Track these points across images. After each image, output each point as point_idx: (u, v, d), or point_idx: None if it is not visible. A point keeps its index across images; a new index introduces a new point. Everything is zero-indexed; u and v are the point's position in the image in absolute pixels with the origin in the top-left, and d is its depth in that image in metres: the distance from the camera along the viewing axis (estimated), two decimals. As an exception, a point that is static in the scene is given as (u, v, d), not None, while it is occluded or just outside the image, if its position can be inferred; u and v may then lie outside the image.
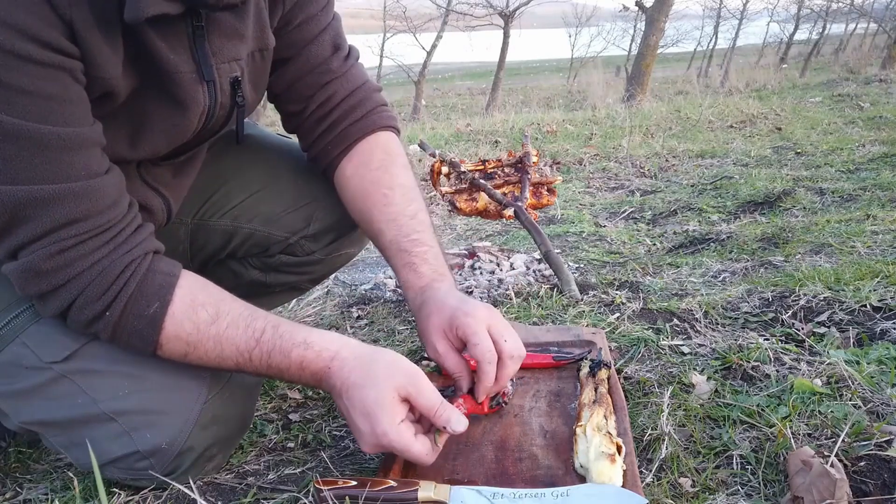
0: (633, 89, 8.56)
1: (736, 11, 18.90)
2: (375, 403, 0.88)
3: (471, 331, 0.97)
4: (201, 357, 0.92)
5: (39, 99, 0.78)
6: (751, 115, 5.17)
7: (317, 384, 0.95)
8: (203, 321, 0.91)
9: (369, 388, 0.89)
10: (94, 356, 0.93)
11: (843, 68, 11.58)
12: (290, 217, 1.25)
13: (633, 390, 1.18)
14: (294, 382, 1.03)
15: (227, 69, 0.98)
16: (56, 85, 0.79)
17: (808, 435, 0.99)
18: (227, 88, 1.00)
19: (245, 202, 1.23)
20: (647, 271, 1.92)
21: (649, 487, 0.91)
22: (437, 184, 1.87)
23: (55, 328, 0.93)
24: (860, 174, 3.03)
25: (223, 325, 0.91)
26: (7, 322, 0.93)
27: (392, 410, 0.88)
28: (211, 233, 1.24)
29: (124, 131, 0.93)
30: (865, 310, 1.41)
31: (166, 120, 0.95)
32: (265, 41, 1.05)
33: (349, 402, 0.90)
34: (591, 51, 20.07)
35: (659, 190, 3.15)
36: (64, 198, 0.82)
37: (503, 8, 12.09)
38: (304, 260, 1.29)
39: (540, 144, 4.39)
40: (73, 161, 0.82)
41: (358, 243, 1.36)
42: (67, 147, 0.81)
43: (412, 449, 0.88)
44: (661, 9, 8.48)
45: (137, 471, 0.95)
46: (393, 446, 0.88)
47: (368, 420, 0.88)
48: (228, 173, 1.24)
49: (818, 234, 2.09)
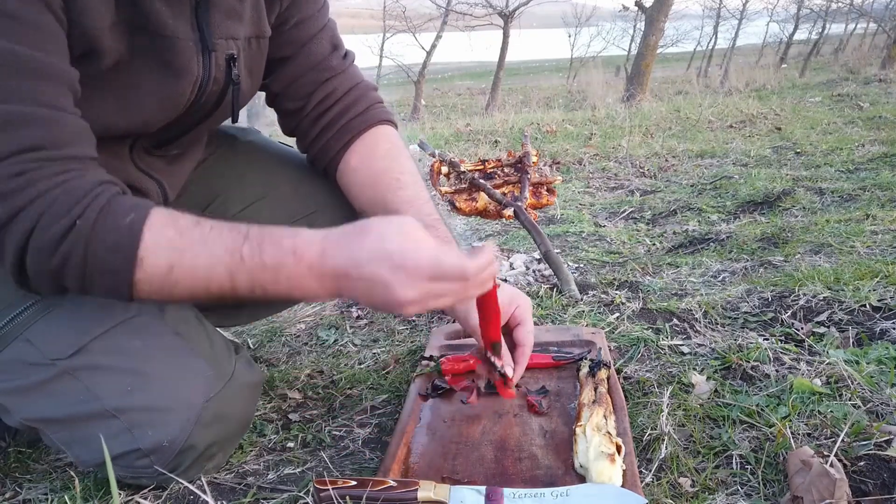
0: (632, 89, 8.56)
1: (736, 11, 18.90)
2: (402, 237, 0.80)
3: (528, 314, 1.02)
4: (190, 266, 0.81)
5: (16, 22, 0.75)
6: (750, 115, 5.17)
7: (319, 280, 0.83)
8: (185, 226, 0.83)
9: (385, 237, 0.80)
10: (97, 353, 0.93)
11: (843, 68, 11.57)
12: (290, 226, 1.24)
13: (633, 390, 1.18)
14: (292, 294, 0.85)
15: (223, 45, 0.99)
16: (31, 10, 0.76)
17: (807, 435, 0.99)
18: (222, 63, 1.00)
19: (244, 211, 1.22)
20: (646, 271, 1.92)
21: (649, 487, 0.91)
22: (437, 184, 1.87)
23: (60, 325, 0.93)
24: (860, 174, 3.03)
25: (207, 228, 0.84)
26: (11, 318, 0.93)
27: (424, 233, 0.80)
28: None
29: (112, 96, 0.91)
30: (865, 310, 1.41)
31: (158, 86, 0.94)
32: (262, 28, 1.06)
33: (368, 265, 0.79)
34: (591, 51, 20.06)
35: (659, 190, 3.15)
36: (30, 121, 0.77)
37: (503, 8, 12.08)
38: None
39: (540, 144, 4.39)
40: (44, 89, 0.78)
41: None
42: (40, 73, 0.78)
43: (475, 262, 0.79)
44: (660, 9, 8.48)
45: (137, 469, 0.95)
46: (450, 267, 0.79)
47: (402, 262, 0.78)
48: (228, 181, 1.24)
49: (818, 234, 2.09)
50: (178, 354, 0.98)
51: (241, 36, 1.02)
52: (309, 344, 1.59)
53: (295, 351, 1.56)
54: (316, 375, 1.39)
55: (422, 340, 1.51)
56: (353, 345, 1.54)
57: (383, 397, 1.26)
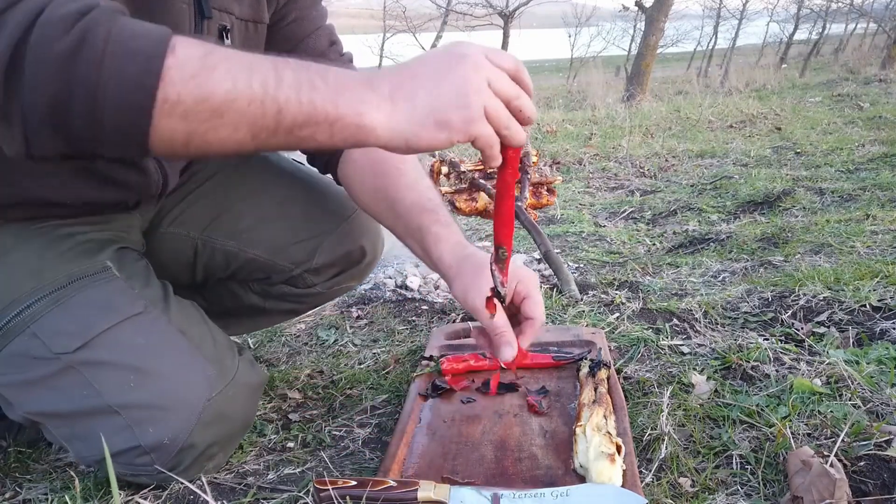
0: (632, 89, 8.57)
1: (736, 11, 18.89)
2: (452, 47, 0.75)
3: (533, 287, 0.99)
4: (226, 55, 0.67)
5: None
6: (750, 115, 5.18)
7: (368, 80, 0.73)
8: (212, 42, 0.72)
9: (430, 53, 0.76)
10: (102, 349, 0.93)
11: (843, 68, 11.57)
12: (295, 248, 1.24)
13: (633, 390, 1.18)
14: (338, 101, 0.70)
15: (218, 16, 0.99)
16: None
17: (807, 435, 0.99)
18: (214, 33, 1.00)
19: (253, 227, 1.22)
20: (646, 271, 1.92)
21: (649, 487, 0.91)
22: (437, 184, 1.87)
23: (66, 319, 0.93)
24: (860, 174, 3.03)
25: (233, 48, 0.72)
26: (18, 312, 0.93)
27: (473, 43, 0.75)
28: (216, 252, 1.23)
29: None
30: (865, 310, 1.41)
31: None
32: (260, 14, 1.06)
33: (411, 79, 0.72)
34: (591, 51, 20.07)
35: (659, 190, 3.15)
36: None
37: (503, 8, 12.08)
38: (305, 292, 1.29)
39: (540, 144, 4.39)
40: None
41: (359, 277, 1.36)
42: None
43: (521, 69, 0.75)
44: (660, 9, 8.48)
45: (137, 466, 0.94)
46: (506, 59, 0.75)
47: (448, 66, 0.72)
48: (241, 194, 1.24)
49: (818, 234, 2.09)
50: (182, 353, 0.98)
51: (235, 12, 1.01)
52: (309, 344, 1.59)
53: (295, 351, 1.56)
54: (316, 375, 1.39)
55: (422, 340, 1.51)
56: (353, 345, 1.54)
57: (383, 397, 1.26)
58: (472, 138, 0.73)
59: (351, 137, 0.71)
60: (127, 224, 1.12)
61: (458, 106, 0.71)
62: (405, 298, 1.83)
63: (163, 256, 1.19)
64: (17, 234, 0.98)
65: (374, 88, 0.72)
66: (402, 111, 0.71)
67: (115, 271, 0.99)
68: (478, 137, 0.73)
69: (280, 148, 0.73)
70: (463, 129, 0.72)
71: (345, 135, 0.71)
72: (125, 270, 1.01)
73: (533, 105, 0.77)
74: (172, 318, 1.00)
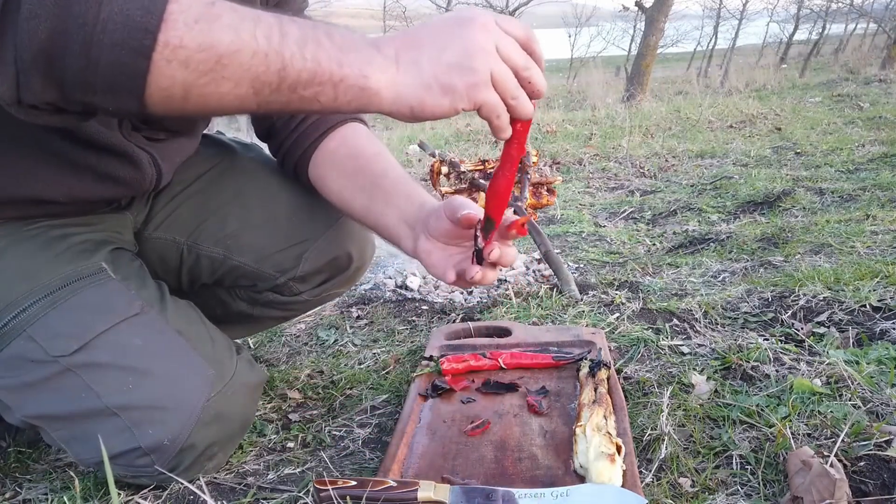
0: (632, 89, 8.56)
1: (736, 11, 18.89)
2: (461, 11, 0.73)
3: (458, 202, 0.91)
4: (232, 19, 0.64)
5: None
6: (750, 116, 5.18)
7: (367, 59, 0.69)
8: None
9: (439, 18, 0.74)
10: (99, 351, 0.92)
11: (843, 68, 11.57)
12: (280, 256, 1.21)
13: (633, 390, 1.18)
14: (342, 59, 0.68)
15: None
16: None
17: (807, 435, 0.99)
18: None
19: (239, 233, 1.19)
20: (646, 271, 1.92)
21: (649, 487, 0.91)
22: (437, 184, 1.87)
23: (63, 322, 0.92)
24: (860, 174, 3.03)
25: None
26: (15, 316, 0.92)
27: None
28: (201, 257, 1.20)
29: None
30: (865, 310, 1.41)
31: None
32: None
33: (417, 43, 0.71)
34: (591, 51, 20.08)
35: (659, 190, 3.15)
36: None
37: (503, 8, 12.09)
38: (292, 300, 1.27)
39: (540, 144, 4.39)
40: None
41: (347, 284, 1.34)
42: None
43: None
44: (660, 9, 8.48)
45: (137, 467, 0.94)
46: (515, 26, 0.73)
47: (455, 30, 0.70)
48: (227, 197, 1.21)
49: (818, 234, 2.09)
50: (180, 353, 0.98)
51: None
52: (309, 344, 1.59)
53: (295, 351, 1.56)
54: (316, 375, 1.39)
55: (422, 340, 1.51)
56: (353, 345, 1.54)
57: (383, 397, 1.26)
58: (477, 105, 0.71)
59: (355, 99, 0.69)
60: (120, 224, 1.11)
61: (463, 69, 0.69)
62: (405, 298, 1.83)
63: (148, 261, 1.16)
64: (9, 235, 0.97)
65: (380, 50, 0.70)
66: (407, 74, 0.70)
67: (110, 272, 0.99)
68: (483, 104, 0.71)
69: (283, 108, 0.70)
70: (467, 94, 0.70)
71: (349, 96, 0.69)
72: (121, 271, 1.01)
73: (543, 77, 0.73)
74: (170, 319, 1.00)
